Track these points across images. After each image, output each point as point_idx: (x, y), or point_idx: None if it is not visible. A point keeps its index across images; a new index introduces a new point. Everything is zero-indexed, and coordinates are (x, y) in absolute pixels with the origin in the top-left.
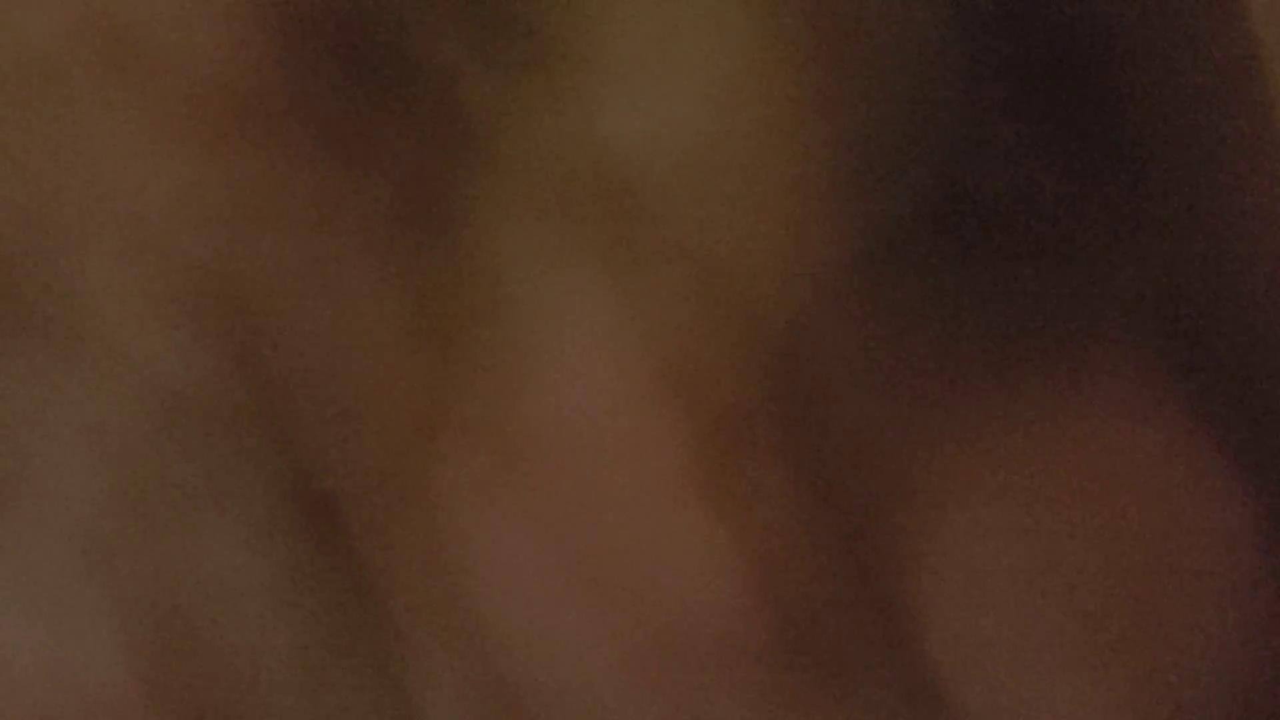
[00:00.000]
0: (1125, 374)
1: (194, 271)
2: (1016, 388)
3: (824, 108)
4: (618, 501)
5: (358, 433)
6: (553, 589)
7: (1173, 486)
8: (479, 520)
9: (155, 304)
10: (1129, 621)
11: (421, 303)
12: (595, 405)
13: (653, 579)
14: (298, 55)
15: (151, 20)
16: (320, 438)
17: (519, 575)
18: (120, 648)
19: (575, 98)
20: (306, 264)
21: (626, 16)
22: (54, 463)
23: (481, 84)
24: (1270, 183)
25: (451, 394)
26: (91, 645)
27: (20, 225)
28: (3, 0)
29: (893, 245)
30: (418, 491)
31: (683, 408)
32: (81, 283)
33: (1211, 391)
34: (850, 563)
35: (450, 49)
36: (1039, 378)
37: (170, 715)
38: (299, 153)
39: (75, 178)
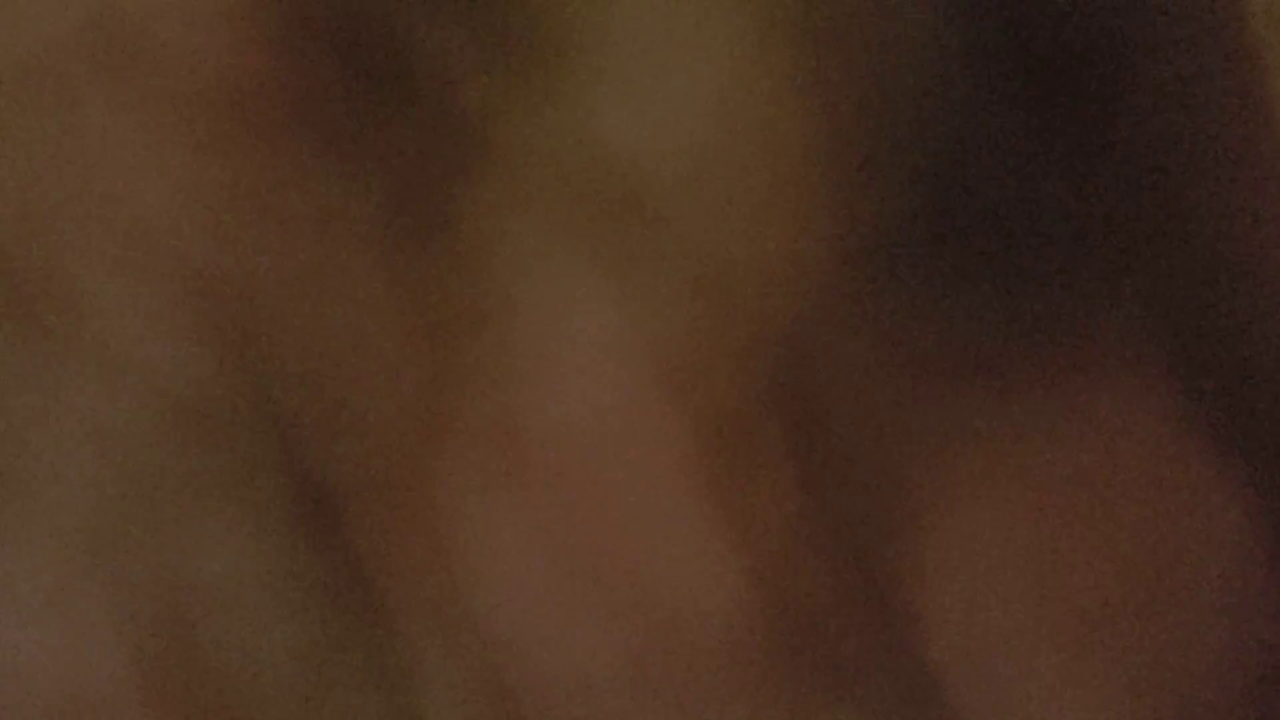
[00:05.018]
0: (1125, 374)
1: (194, 271)
2: (1016, 388)
3: (823, 108)
4: (618, 502)
5: (358, 433)
6: (553, 589)
7: (1173, 486)
8: (479, 520)
9: (155, 304)
10: (1129, 621)
11: (421, 303)
12: (595, 405)
13: (653, 579)
14: (298, 56)
15: (152, 20)
16: (320, 438)
17: (519, 575)
18: (120, 647)
19: (575, 98)
20: (306, 264)
21: (626, 16)
22: (54, 462)
23: (481, 84)
24: (1270, 183)
25: (451, 394)
26: (92, 645)
27: (20, 225)
28: (3, 0)
29: (892, 245)
30: (418, 491)
31: (683, 408)
32: (81, 283)
33: (1211, 393)
34: (850, 563)
35: (450, 49)
36: (1039, 378)
37: (170, 715)
38: (299, 154)
39: (75, 178)
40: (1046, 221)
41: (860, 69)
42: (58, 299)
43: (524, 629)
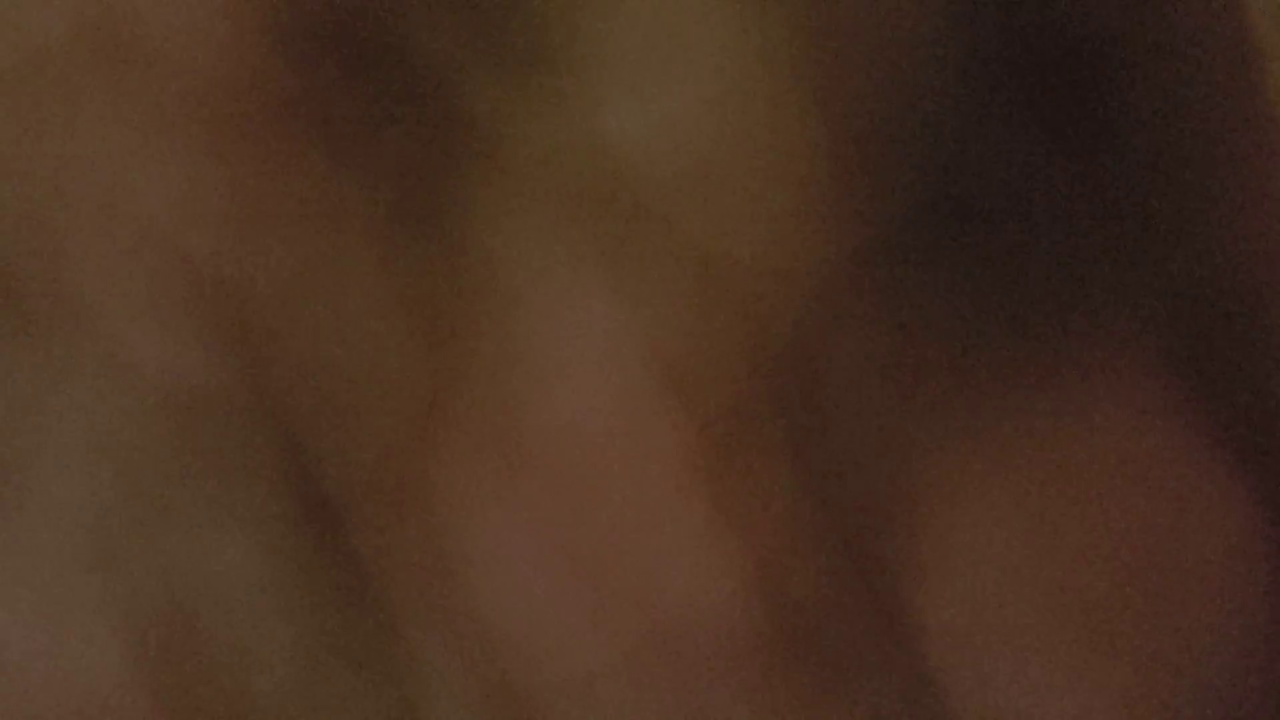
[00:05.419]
0: (1126, 374)
1: (194, 271)
2: (1017, 388)
3: (824, 108)
4: (618, 501)
5: (358, 433)
6: (553, 588)
7: (1173, 486)
8: (479, 520)
9: (155, 304)
10: (1129, 621)
11: (421, 303)
12: (595, 405)
13: (653, 578)
14: (298, 55)
15: (151, 20)
16: (320, 438)
17: (519, 575)
18: (121, 647)
19: (575, 98)
20: (306, 264)
21: (626, 16)
22: (55, 462)
23: (481, 84)
24: (1270, 183)
25: (451, 395)
26: (92, 645)
27: (20, 225)
28: (3, 0)
29: (893, 245)
30: (418, 491)
31: (683, 408)
32: (82, 283)
33: (1212, 392)
34: (850, 563)
35: (450, 49)
36: (1040, 378)
37: (170, 715)
38: (299, 153)
39: (75, 178)
40: (1047, 222)
41: (860, 69)
42: (58, 299)
43: (524, 629)
